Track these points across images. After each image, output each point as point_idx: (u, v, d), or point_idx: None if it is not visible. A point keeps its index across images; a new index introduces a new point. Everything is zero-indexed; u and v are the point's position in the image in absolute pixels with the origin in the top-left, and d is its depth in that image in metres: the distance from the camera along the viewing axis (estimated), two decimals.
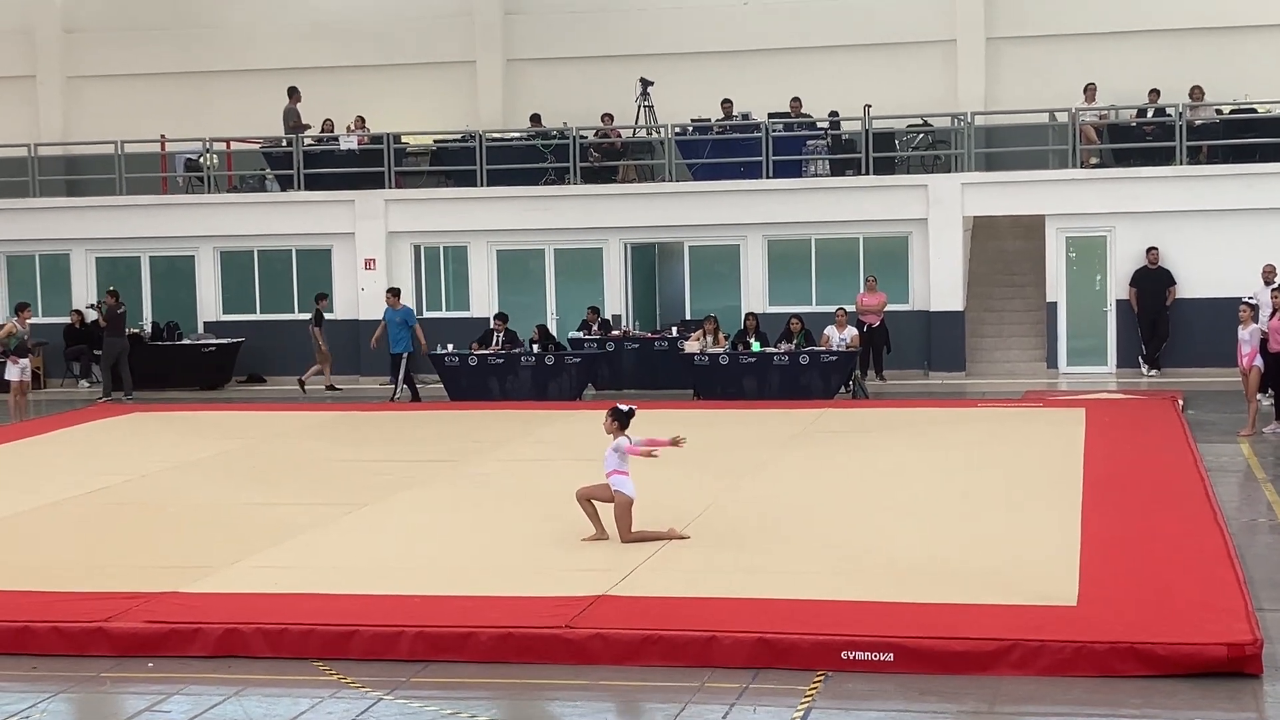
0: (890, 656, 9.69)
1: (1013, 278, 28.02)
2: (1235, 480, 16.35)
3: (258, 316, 29.30)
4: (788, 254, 27.67)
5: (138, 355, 28.11)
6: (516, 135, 29.56)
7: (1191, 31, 29.31)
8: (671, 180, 28.02)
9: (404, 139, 29.60)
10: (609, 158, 28.98)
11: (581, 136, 28.40)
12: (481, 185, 28.33)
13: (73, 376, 29.10)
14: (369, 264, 28.46)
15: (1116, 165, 27.12)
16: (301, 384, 27.08)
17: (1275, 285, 21.75)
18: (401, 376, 25.43)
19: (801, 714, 9.02)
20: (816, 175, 27.61)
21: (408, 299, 28.54)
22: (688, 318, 27.31)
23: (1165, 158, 26.53)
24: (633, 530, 12.80)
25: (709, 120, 28.60)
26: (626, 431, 13.01)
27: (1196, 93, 27.07)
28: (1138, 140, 27.17)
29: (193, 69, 33.15)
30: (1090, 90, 27.73)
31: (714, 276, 28.23)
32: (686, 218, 27.55)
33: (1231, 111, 26.96)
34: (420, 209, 28.63)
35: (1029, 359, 26.89)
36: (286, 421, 22.05)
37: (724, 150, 27.97)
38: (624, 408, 13.15)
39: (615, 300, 27.95)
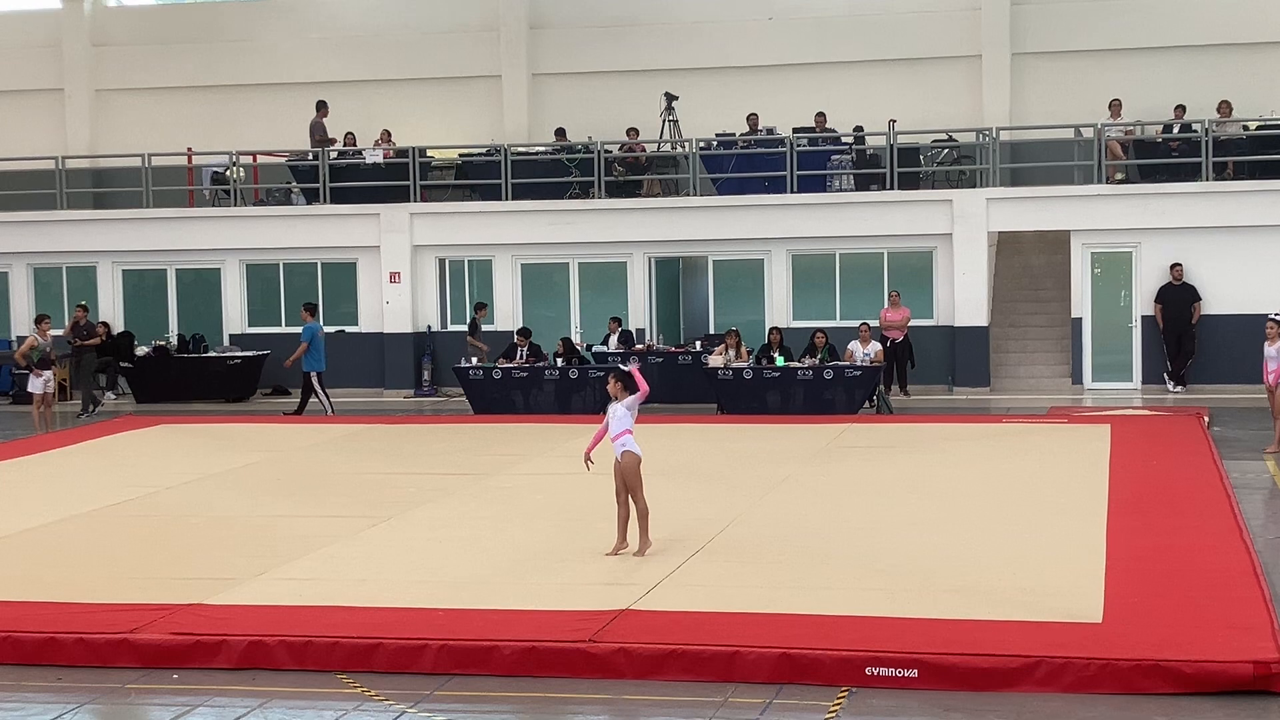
0: (915, 673, 9.67)
1: (1037, 293, 27.97)
2: (1261, 497, 16.28)
3: (283, 329, 29.37)
4: (812, 268, 27.67)
5: (164, 368, 28.27)
6: (541, 149, 29.63)
7: (1217, 47, 29.28)
8: (696, 194, 28.05)
9: (429, 153, 29.69)
10: (633, 172, 29.03)
11: (606, 150, 28.45)
12: (506, 199, 28.41)
13: (99, 388, 29.18)
14: (394, 277, 28.54)
15: (1142, 181, 27.06)
16: None
17: None
18: (315, 391, 25.17)
19: None
20: (841, 190, 27.61)
21: (432, 312, 28.67)
22: (711, 332, 27.31)
23: (1191, 174, 26.47)
24: (642, 494, 12.92)
25: (733, 134, 28.63)
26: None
27: (1225, 108, 27.00)
28: (1163, 156, 27.11)
29: (220, 83, 33.34)
30: (1116, 106, 27.68)
31: (738, 291, 28.24)
32: (711, 232, 27.58)
33: (1258, 127, 26.89)
34: (445, 222, 28.71)
35: (1054, 375, 26.83)
36: (311, 434, 22.10)
37: (748, 165, 28.00)
38: (623, 368, 13.36)
39: (639, 314, 27.98)
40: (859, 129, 28.37)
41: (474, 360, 25.77)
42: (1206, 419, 21.66)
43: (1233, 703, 9.23)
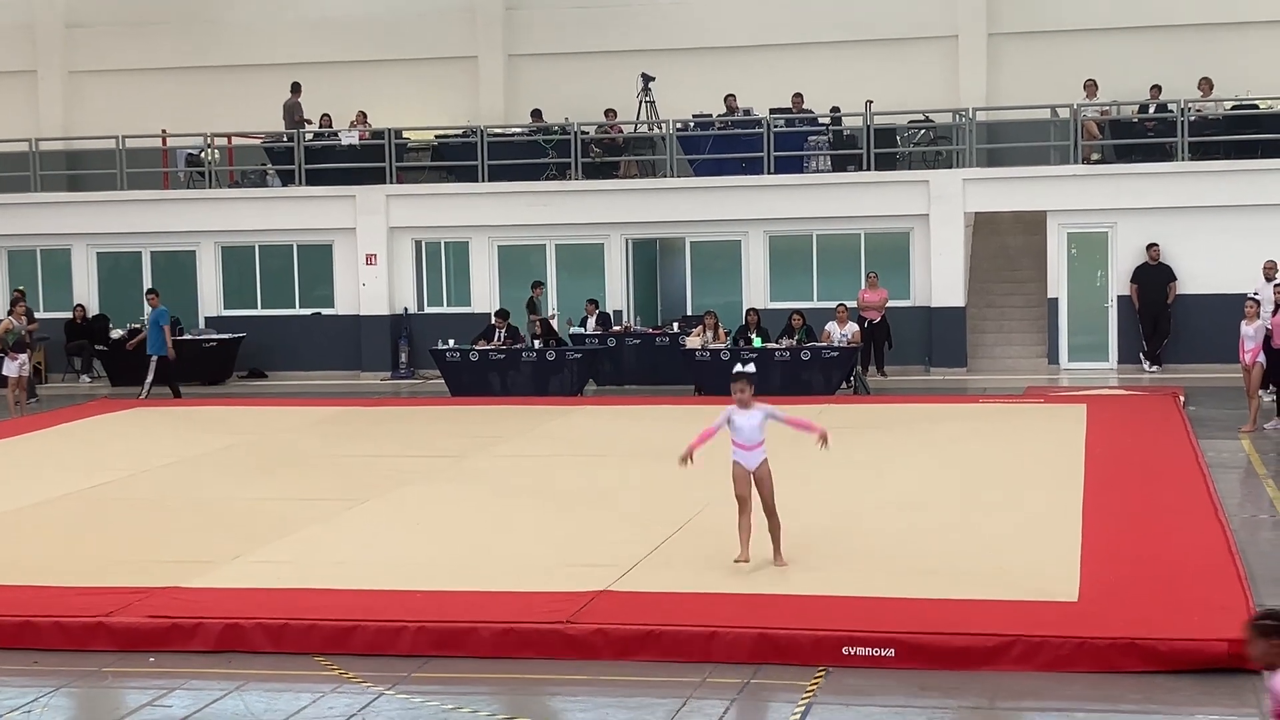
0: (891, 652, 9.70)
1: (1014, 274, 28.01)
2: (1236, 476, 16.35)
3: (259, 312, 29.30)
4: (789, 250, 27.66)
5: (139, 350, 28.12)
6: (518, 130, 29.55)
7: (1193, 27, 29.29)
8: (673, 176, 28.00)
9: (405, 134, 29.60)
10: (610, 153, 28.98)
11: (583, 132, 28.39)
12: (483, 181, 28.33)
13: (74, 372, 29.10)
14: (370, 259, 28.46)
15: (1118, 161, 27.10)
16: None
17: (1277, 281, 21.73)
18: (152, 377, 24.87)
19: (802, 709, 9.03)
20: (818, 171, 27.61)
21: (409, 294, 28.62)
22: (689, 313, 27.31)
23: (1167, 154, 26.51)
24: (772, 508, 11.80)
25: (711, 116, 28.59)
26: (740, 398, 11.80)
27: (1205, 85, 27.03)
28: (1139, 136, 27.16)
29: (194, 64, 33.13)
30: (1091, 86, 27.71)
31: (715, 272, 28.23)
32: (688, 213, 27.54)
33: (1233, 107, 26.94)
34: (422, 204, 28.63)
35: (1030, 355, 26.89)
36: (288, 417, 22.05)
37: (725, 146, 27.97)
38: (743, 369, 11.98)
39: (617, 296, 27.95)
40: (836, 110, 28.36)
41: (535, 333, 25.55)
42: (1182, 399, 21.73)
43: (1208, 681, 9.27)
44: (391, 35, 32.40)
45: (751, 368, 12.13)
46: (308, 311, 29.16)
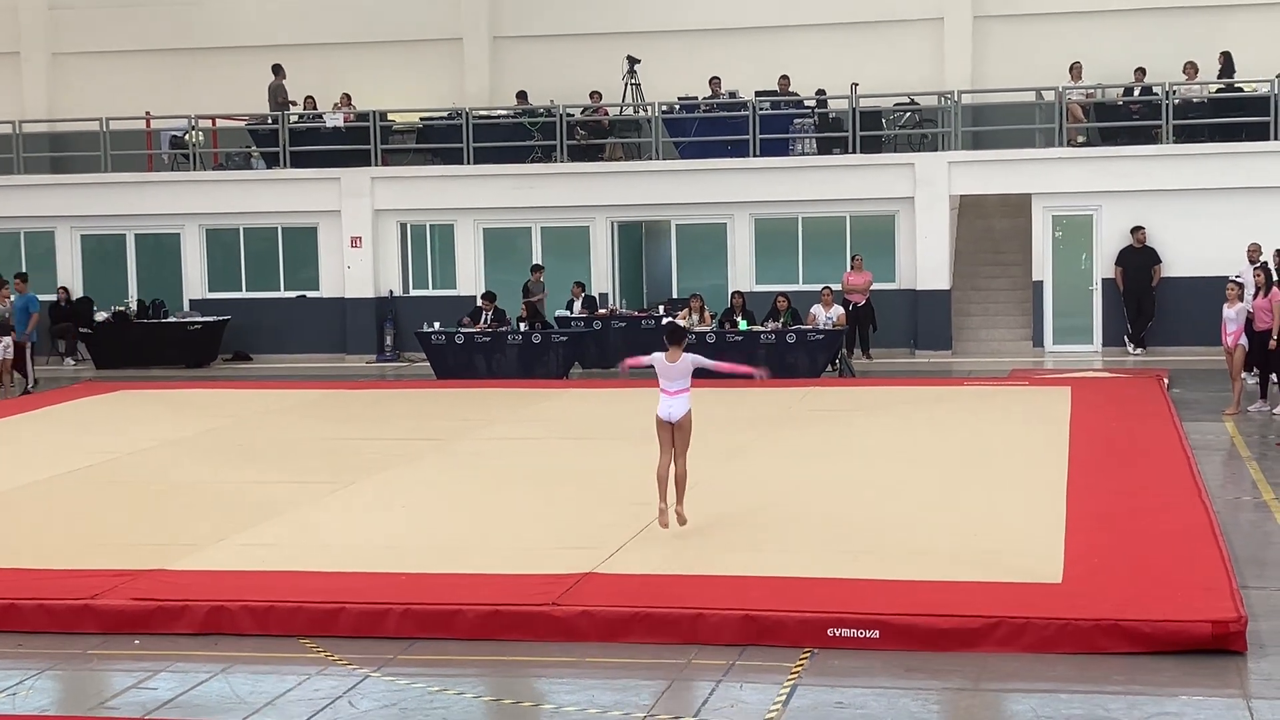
0: (876, 634, 9.73)
1: (999, 256, 28.04)
2: (1220, 458, 16.40)
3: (243, 294, 29.25)
4: (774, 232, 27.67)
5: (124, 333, 28.10)
6: (503, 113, 29.50)
7: (1178, 10, 29.28)
8: (658, 159, 27.99)
9: (390, 116, 29.53)
10: (596, 136, 28.94)
11: (568, 114, 28.35)
12: (468, 163, 28.30)
13: (58, 354, 29.02)
14: (355, 242, 28.42)
15: (1103, 144, 27.12)
16: None
17: (1259, 264, 21.78)
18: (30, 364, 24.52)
19: (787, 691, 9.05)
20: (803, 154, 27.61)
21: (394, 276, 28.58)
22: (674, 296, 27.31)
23: (1151, 137, 26.54)
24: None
25: (696, 98, 28.56)
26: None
27: (1190, 68, 27.04)
28: (1124, 119, 27.18)
29: (178, 46, 32.98)
30: (1076, 69, 27.72)
31: (701, 255, 28.22)
32: (673, 196, 27.53)
33: (1218, 90, 26.97)
34: (407, 187, 28.59)
35: (1015, 338, 26.94)
36: (273, 399, 22.02)
37: (711, 129, 27.94)
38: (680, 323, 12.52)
39: (602, 278, 27.94)
40: (821, 92, 28.33)
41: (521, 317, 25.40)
42: (1166, 381, 21.78)
43: (1192, 662, 9.31)
44: (376, 17, 32.28)
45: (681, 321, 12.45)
46: (292, 294, 29.11)
